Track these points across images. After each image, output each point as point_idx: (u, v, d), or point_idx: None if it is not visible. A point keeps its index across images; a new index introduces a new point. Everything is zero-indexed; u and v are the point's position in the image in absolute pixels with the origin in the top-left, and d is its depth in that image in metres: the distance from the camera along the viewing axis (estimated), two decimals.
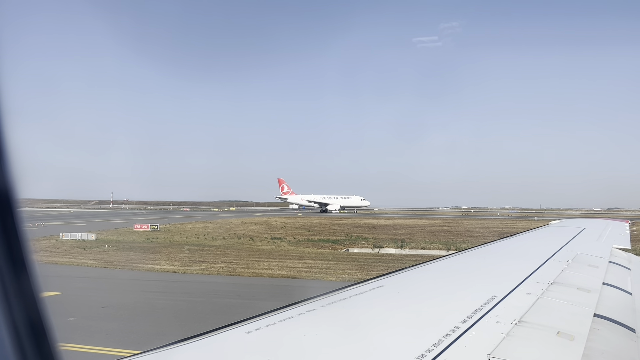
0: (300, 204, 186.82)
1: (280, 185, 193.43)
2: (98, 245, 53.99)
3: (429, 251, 53.75)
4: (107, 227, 79.46)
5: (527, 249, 10.08)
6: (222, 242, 61.40)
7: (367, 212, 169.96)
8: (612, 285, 6.07)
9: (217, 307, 25.95)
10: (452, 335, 3.42)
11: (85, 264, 41.50)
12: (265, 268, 39.45)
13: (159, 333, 19.84)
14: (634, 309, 5.26)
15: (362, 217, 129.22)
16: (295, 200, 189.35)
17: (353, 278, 33.77)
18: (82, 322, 22.35)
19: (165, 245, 55.61)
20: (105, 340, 19.25)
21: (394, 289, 5.29)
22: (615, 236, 12.47)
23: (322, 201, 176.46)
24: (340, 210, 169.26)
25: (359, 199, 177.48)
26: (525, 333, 3.66)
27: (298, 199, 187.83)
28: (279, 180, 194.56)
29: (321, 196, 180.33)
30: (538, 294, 4.95)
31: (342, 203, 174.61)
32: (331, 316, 3.97)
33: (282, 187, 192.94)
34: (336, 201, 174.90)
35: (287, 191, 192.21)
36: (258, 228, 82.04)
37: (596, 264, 7.54)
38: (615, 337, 4.05)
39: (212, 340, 3.25)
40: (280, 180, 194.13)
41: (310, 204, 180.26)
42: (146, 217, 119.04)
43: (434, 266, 6.88)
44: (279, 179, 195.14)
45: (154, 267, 40.19)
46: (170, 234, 70.41)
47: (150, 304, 26.65)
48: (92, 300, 27.33)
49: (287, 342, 3.32)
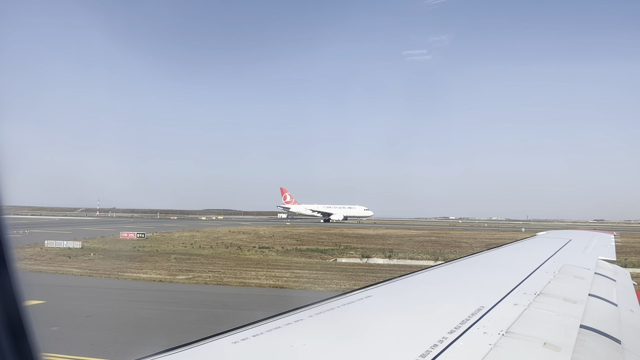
0: (303, 213, 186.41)
1: (283, 194, 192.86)
2: (84, 254, 53.35)
3: (417, 261, 53.83)
4: (94, 235, 78.63)
5: (514, 260, 10.13)
6: (210, 251, 60.99)
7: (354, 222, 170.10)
8: (598, 297, 6.12)
9: (204, 316, 25.72)
10: (439, 346, 3.41)
11: (70, 272, 40.96)
12: (253, 278, 39.23)
13: (144, 343, 19.60)
14: (620, 320, 5.30)
15: (351, 226, 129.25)
16: (299, 210, 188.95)
17: (341, 288, 33.68)
18: (66, 331, 22.02)
19: (151, 254, 55.10)
20: (89, 350, 18.97)
21: (382, 299, 5.28)
22: (601, 248, 12.60)
23: (325, 211, 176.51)
24: (343, 220, 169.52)
25: (362, 208, 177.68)
26: (512, 344, 3.67)
27: (301, 209, 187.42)
28: (282, 189, 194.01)
29: (324, 206, 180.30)
30: (525, 305, 4.97)
31: (345, 213, 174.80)
32: (319, 326, 3.95)
33: (284, 196, 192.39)
34: (339, 211, 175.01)
35: (289, 200, 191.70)
36: (246, 237, 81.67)
37: (582, 275, 7.60)
38: (601, 348, 4.08)
39: (198, 350, 3.22)
40: (283, 189, 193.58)
41: (313, 213, 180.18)
42: (133, 225, 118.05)
43: (422, 277, 6.89)
44: (281, 188, 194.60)
45: (140, 276, 39.79)
46: (157, 242, 69.82)
47: (136, 313, 26.33)
48: (77, 309, 26.95)
49: (275, 352, 3.29)
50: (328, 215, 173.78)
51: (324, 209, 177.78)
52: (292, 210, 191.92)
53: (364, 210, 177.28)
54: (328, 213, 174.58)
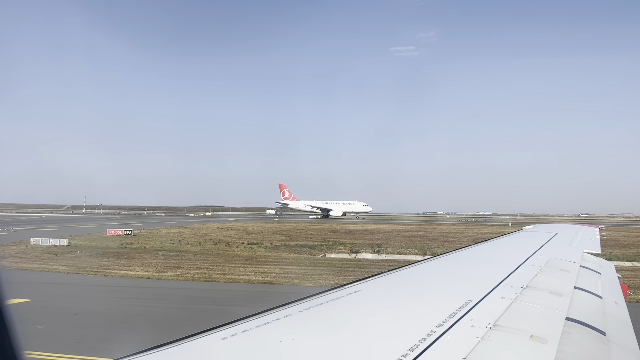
0: (302, 209, 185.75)
1: (282, 190, 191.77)
2: (70, 251, 52.85)
3: (405, 256, 54.13)
4: (80, 232, 77.91)
5: (501, 254, 10.22)
6: (198, 247, 60.76)
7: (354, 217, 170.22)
8: (583, 289, 6.20)
9: (192, 313, 25.64)
10: (428, 340, 3.43)
11: (56, 270, 40.58)
12: (242, 274, 39.17)
13: (132, 340, 19.49)
14: (605, 312, 5.37)
15: (340, 222, 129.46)
16: (297, 206, 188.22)
17: (330, 283, 33.77)
18: (53, 329, 21.83)
19: (139, 251, 54.75)
20: (77, 348, 18.83)
21: (370, 294, 5.30)
22: (586, 241, 12.74)
23: (324, 207, 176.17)
24: (342, 216, 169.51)
25: (361, 204, 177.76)
26: (499, 337, 3.70)
27: (300, 205, 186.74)
28: (280, 185, 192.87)
29: (323, 202, 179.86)
30: (512, 298, 5.02)
31: (344, 209, 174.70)
32: (308, 321, 3.96)
33: (282, 192, 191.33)
34: (339, 207, 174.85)
35: (288, 196, 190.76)
36: (234, 233, 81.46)
37: (568, 269, 7.68)
38: (587, 340, 4.13)
39: (186, 347, 3.20)
40: (282, 185, 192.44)
41: (312, 209, 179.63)
42: (120, 222, 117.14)
43: (410, 271, 6.92)
44: (279, 184, 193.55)
45: (128, 273, 39.53)
46: (144, 239, 69.37)
47: (124, 310, 26.17)
48: (64, 307, 26.71)
49: (264, 348, 3.29)
50: (327, 211, 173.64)
51: (323, 204, 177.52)
52: (291, 207, 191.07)
53: (363, 205, 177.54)
54: (327, 209, 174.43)
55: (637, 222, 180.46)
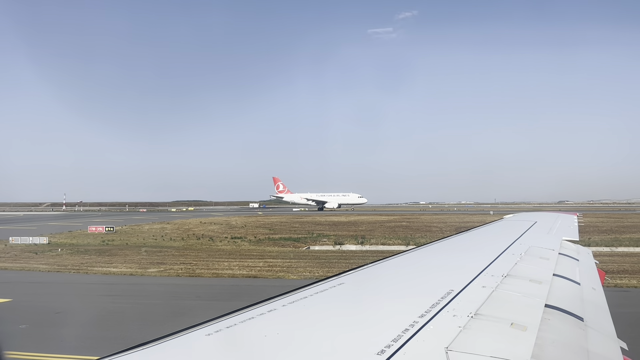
0: (297, 202, 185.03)
1: (276, 184, 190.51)
2: (51, 249, 52.11)
3: (389, 247, 54.54)
4: (60, 230, 76.84)
5: (483, 243, 10.36)
6: (181, 243, 60.39)
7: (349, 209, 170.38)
8: (561, 276, 6.32)
9: (176, 309, 25.52)
10: (410, 330, 3.48)
11: (37, 268, 39.99)
12: (226, 268, 39.07)
13: (116, 338, 19.36)
14: (582, 298, 5.50)
15: (324, 214, 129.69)
16: (292, 199, 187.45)
17: (315, 276, 33.89)
18: (34, 329, 21.56)
19: (121, 248, 54.23)
20: (60, 348, 18.63)
21: (354, 286, 5.34)
22: (565, 229, 12.99)
23: (319, 199, 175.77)
24: (337, 208, 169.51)
25: (356, 196, 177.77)
26: (480, 325, 3.77)
27: (295, 197, 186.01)
28: (274, 178, 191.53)
29: (318, 194, 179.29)
30: (493, 287, 5.10)
31: (339, 201, 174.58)
32: (292, 315, 3.98)
33: (277, 185, 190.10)
34: (334, 199, 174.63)
35: (282, 190, 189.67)
36: (218, 228, 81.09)
37: (547, 256, 7.83)
38: (565, 326, 4.23)
39: (170, 344, 3.20)
40: (276, 178, 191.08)
41: (308, 202, 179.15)
42: (101, 218, 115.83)
43: (393, 262, 6.98)
44: (274, 177, 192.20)
45: (110, 270, 39.15)
46: (126, 235, 68.70)
47: (106, 308, 25.94)
48: (45, 306, 26.38)
49: (248, 343, 3.30)
50: (322, 203, 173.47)
51: (318, 197, 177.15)
52: (286, 200, 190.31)
53: (358, 197, 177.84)
54: (322, 201, 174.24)
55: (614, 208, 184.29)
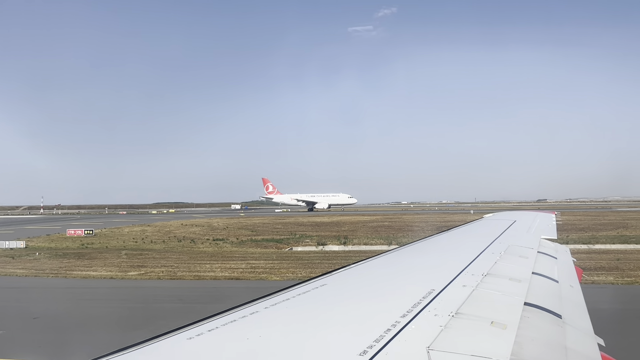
0: (288, 203, 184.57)
1: (265, 185, 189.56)
2: (28, 253, 51.17)
3: (372, 247, 54.75)
4: (38, 233, 75.50)
5: (463, 242, 10.46)
6: (162, 245, 59.79)
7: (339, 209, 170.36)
8: (540, 275, 6.43)
9: (158, 312, 25.27)
10: (392, 330, 3.50)
11: (14, 273, 39.22)
12: (208, 270, 38.80)
13: (95, 343, 19.09)
14: (561, 296, 5.60)
15: (306, 215, 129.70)
16: (282, 200, 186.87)
17: (297, 277, 33.85)
18: (12, 334, 21.17)
19: (101, 251, 53.51)
20: (37, 353, 18.31)
21: (336, 287, 5.35)
22: (544, 227, 13.20)
23: (309, 200, 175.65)
24: (327, 209, 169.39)
25: (346, 196, 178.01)
26: (461, 324, 3.81)
27: (285, 198, 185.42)
28: (264, 179, 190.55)
29: (308, 195, 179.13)
30: (473, 286, 5.16)
31: (329, 201, 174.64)
32: (275, 317, 3.97)
33: (266, 186, 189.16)
34: (324, 199, 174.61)
35: (272, 191, 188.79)
36: (199, 230, 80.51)
37: (526, 255, 7.94)
38: (544, 323, 4.30)
39: (151, 348, 3.16)
40: (265, 179, 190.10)
41: (298, 202, 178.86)
42: (80, 222, 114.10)
43: (375, 263, 7.01)
44: (263, 178, 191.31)
45: (90, 273, 38.59)
46: (106, 238, 67.80)
47: (86, 312, 25.57)
48: (23, 312, 25.89)
49: (230, 346, 3.28)
50: (313, 204, 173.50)
51: (309, 197, 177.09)
52: (275, 201, 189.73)
53: (348, 197, 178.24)
54: (313, 202, 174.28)
55: (591, 206, 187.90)
